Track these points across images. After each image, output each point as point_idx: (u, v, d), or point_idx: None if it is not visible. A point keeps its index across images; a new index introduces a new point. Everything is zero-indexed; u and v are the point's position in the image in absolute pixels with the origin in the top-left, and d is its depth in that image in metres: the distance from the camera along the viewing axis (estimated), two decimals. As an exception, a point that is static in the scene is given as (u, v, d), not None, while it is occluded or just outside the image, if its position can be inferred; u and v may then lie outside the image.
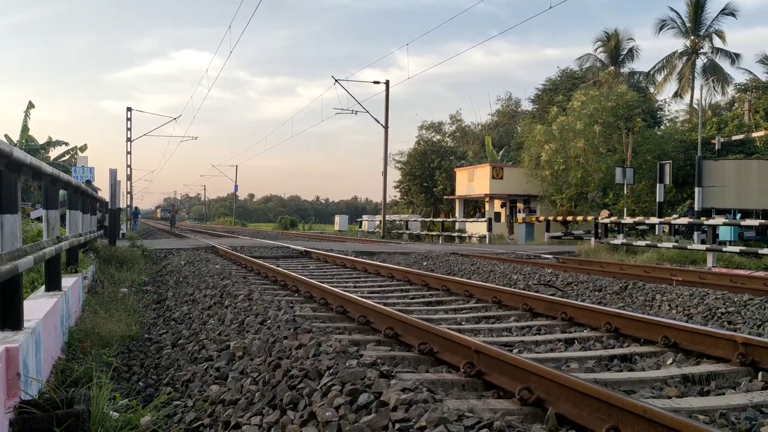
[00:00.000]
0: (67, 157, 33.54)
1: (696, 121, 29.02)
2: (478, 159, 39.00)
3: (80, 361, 4.69)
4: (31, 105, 31.76)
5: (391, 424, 2.64)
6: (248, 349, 4.28)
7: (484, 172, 32.20)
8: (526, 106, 47.54)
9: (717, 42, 41.66)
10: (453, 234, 30.00)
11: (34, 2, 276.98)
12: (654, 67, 43.96)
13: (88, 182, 20.07)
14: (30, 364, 3.42)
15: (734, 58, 41.30)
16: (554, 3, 15.80)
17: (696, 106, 35.97)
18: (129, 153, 34.38)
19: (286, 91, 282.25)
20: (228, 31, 36.29)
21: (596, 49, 45.22)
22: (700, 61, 42.28)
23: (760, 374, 3.92)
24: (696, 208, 19.44)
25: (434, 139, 45.24)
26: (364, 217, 46.70)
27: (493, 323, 6.03)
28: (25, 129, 31.39)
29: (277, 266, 10.40)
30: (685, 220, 17.69)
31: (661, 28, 42.52)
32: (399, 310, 5.78)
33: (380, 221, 34.35)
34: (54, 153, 33.19)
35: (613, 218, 19.87)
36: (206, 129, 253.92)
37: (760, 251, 14.38)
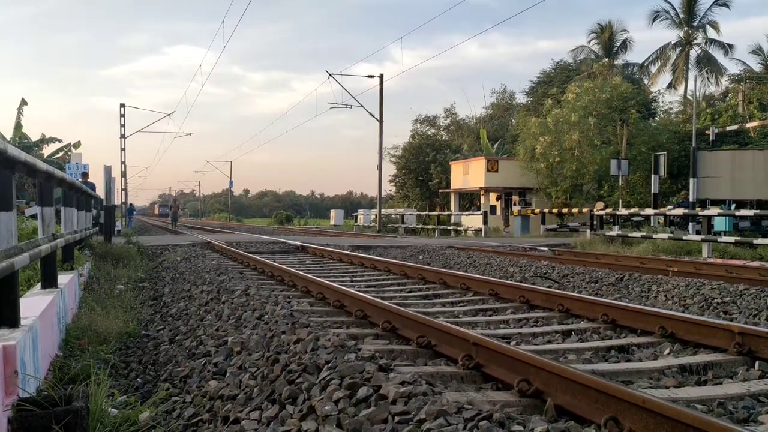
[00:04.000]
0: (60, 154, 33.46)
1: (690, 113, 29.06)
2: (473, 152, 39.00)
3: (78, 358, 4.68)
4: (23, 102, 31.64)
5: (391, 417, 2.64)
6: (246, 345, 4.27)
7: (479, 165, 32.19)
8: (521, 98, 47.52)
9: (711, 33, 41.78)
10: (449, 227, 30.00)
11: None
12: (648, 58, 44.07)
13: (85, 174, 19.63)
14: (27, 362, 3.41)
15: (728, 48, 41.41)
16: (548, -5, 15.76)
17: (690, 97, 36.05)
18: (123, 149, 34.24)
19: (280, 85, 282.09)
20: (221, 26, 36.08)
21: (590, 41, 45.27)
22: (694, 52, 42.38)
23: (756, 363, 3.93)
24: (691, 199, 19.48)
25: (429, 133, 45.21)
26: (360, 211, 46.77)
27: (490, 316, 6.04)
28: (18, 126, 31.25)
29: (274, 261, 10.39)
30: (680, 211, 17.74)
31: (654, 20, 42.60)
32: (396, 304, 5.79)
33: (376, 215, 34.35)
34: (48, 150, 33.10)
35: (609, 210, 19.92)
36: (200, 125, 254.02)
37: (755, 241, 14.44)
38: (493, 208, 32.21)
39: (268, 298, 6.12)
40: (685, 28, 41.71)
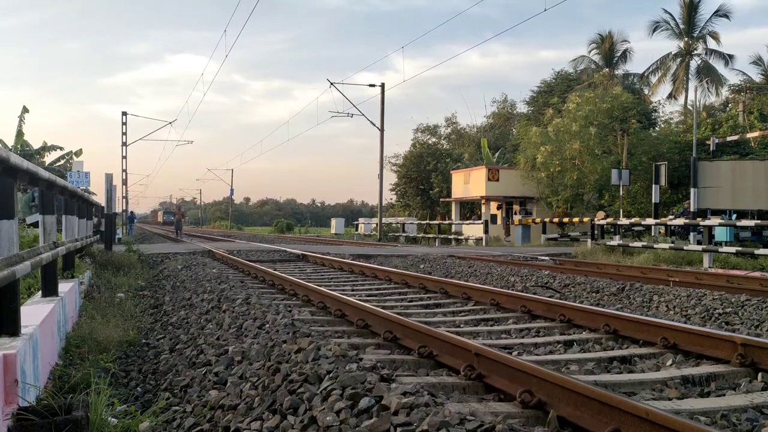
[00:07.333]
0: (62, 161, 33.41)
1: (690, 123, 29.09)
2: (473, 161, 39.01)
3: (78, 366, 4.66)
4: (25, 110, 31.62)
5: (393, 428, 2.63)
6: (247, 354, 4.26)
7: (480, 174, 32.20)
8: (522, 108, 47.57)
9: (711, 43, 41.89)
10: (449, 236, 29.98)
11: (27, 6, 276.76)
12: (648, 68, 44.13)
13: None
14: (27, 371, 3.40)
15: (728, 59, 41.50)
16: (549, 5, 15.84)
17: (690, 108, 36.12)
18: (124, 157, 34.29)
19: (281, 94, 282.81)
20: (224, 35, 36.06)
21: (590, 51, 45.35)
22: (694, 63, 42.47)
23: (759, 375, 3.92)
24: (691, 209, 19.47)
25: (430, 142, 45.25)
26: (361, 220, 46.76)
27: (491, 326, 6.02)
28: (19, 134, 31.26)
29: (275, 270, 10.38)
30: (681, 221, 17.73)
31: (654, 30, 42.70)
32: (397, 313, 5.77)
33: (376, 224, 34.34)
34: (49, 158, 33.09)
35: (609, 219, 19.91)
36: (202, 133, 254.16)
37: (756, 252, 14.42)
38: (493, 218, 32.20)
39: (269, 307, 6.11)
40: (686, 39, 41.83)
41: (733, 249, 15.04)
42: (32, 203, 20.56)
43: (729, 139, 25.65)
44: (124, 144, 34.00)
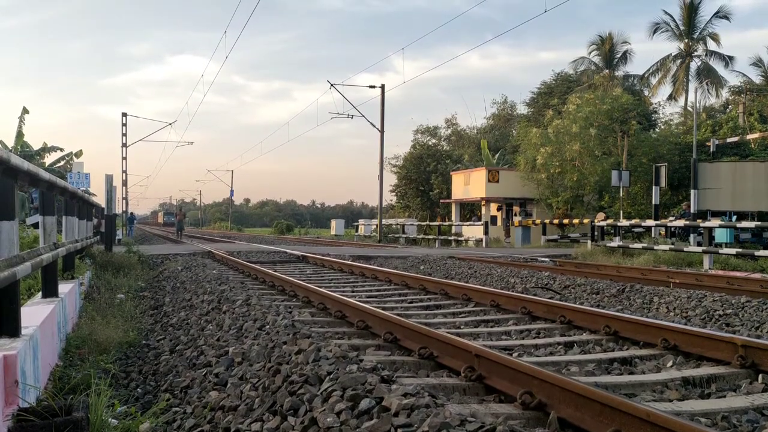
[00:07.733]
0: (62, 162, 33.40)
1: (690, 124, 29.11)
2: (474, 162, 39.00)
3: (78, 367, 4.67)
4: (25, 111, 31.62)
5: (394, 429, 2.63)
6: (247, 355, 4.26)
7: (480, 175, 32.20)
8: (522, 109, 47.58)
9: (711, 45, 41.89)
10: (449, 237, 29.98)
11: (28, 6, 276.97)
12: (648, 70, 44.12)
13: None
14: (28, 372, 3.39)
15: (728, 60, 41.50)
16: (549, 6, 15.84)
17: (690, 109, 36.14)
18: (124, 158, 34.30)
19: (281, 95, 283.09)
20: (224, 36, 35.99)
21: (591, 53, 45.33)
22: (694, 64, 42.46)
23: (760, 376, 3.92)
24: (692, 211, 19.48)
25: (430, 143, 45.25)
26: (361, 221, 46.80)
27: (492, 327, 6.02)
28: (20, 135, 31.25)
29: (275, 271, 10.37)
30: (681, 223, 17.73)
31: (654, 32, 42.70)
32: (398, 315, 5.77)
33: (376, 225, 34.35)
34: (49, 159, 33.08)
35: (610, 221, 19.91)
36: (202, 134, 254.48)
37: (757, 253, 14.42)
38: (493, 219, 32.19)
39: (269, 308, 6.10)
40: (686, 40, 41.84)
41: (733, 250, 15.03)
42: (31, 205, 20.54)
43: (729, 140, 25.67)
44: (124, 145, 34.01)
